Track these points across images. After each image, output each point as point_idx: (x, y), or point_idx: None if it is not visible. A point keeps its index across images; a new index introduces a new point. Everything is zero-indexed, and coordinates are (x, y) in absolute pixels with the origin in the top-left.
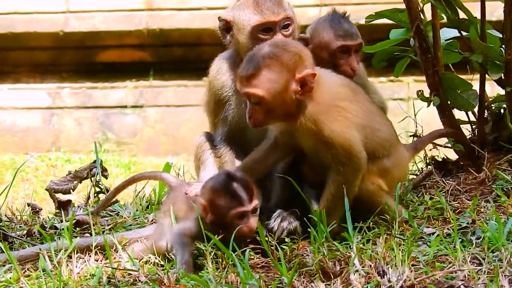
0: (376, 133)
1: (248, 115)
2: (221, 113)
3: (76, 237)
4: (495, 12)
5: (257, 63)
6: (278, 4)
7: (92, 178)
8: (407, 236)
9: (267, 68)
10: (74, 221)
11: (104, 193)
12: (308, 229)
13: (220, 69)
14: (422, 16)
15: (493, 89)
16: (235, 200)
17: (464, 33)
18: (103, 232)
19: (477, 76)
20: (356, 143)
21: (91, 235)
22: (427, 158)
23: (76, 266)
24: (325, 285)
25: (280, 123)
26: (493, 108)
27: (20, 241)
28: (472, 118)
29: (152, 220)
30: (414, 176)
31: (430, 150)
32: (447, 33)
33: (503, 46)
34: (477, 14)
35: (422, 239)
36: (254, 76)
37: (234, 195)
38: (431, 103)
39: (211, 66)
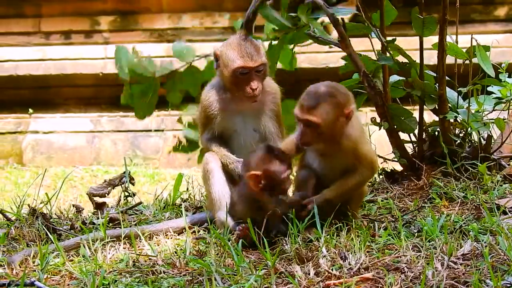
0: None
1: (300, 136)
2: (209, 125)
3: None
4: (432, 58)
5: (317, 98)
6: (256, 50)
7: (122, 185)
8: (364, 230)
9: (325, 103)
10: (108, 218)
11: (131, 196)
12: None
13: (209, 92)
14: None
15: (430, 117)
16: (285, 164)
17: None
18: (130, 226)
19: (417, 106)
20: (376, 158)
21: (121, 228)
22: (379, 169)
23: (109, 253)
24: (300, 267)
25: (320, 144)
26: (430, 131)
27: (66, 233)
28: (414, 139)
29: (168, 216)
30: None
31: (382, 163)
32: (395, 78)
33: (437, 83)
34: (416, 58)
35: (375, 231)
36: (314, 107)
37: (282, 160)
38: (382, 127)
39: (203, 90)
